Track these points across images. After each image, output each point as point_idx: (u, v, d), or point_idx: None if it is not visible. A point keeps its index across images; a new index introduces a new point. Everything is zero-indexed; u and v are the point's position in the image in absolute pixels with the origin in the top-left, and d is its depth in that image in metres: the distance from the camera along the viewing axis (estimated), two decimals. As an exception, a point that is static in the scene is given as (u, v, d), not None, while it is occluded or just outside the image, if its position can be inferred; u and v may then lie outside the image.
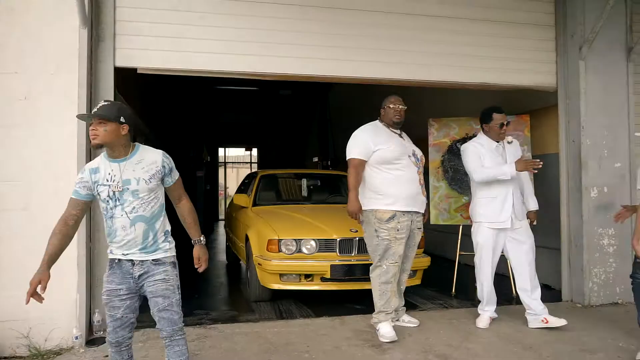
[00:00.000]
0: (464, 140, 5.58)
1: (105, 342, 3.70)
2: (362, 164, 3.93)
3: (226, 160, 20.29)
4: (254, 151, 19.81)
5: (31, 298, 2.38)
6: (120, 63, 4.15)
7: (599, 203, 4.88)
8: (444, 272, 6.02)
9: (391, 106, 4.05)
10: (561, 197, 5.09)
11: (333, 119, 13.38)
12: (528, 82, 5.04)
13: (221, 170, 19.64)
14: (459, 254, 5.48)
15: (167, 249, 2.62)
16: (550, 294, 5.11)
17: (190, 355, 2.78)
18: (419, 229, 4.10)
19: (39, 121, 3.80)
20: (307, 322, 4.36)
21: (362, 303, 4.71)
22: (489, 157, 4.12)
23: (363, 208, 3.91)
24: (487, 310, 4.24)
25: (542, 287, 4.24)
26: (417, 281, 4.96)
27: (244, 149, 20.12)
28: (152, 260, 2.56)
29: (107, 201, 2.52)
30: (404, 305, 4.26)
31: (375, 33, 4.66)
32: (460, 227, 5.52)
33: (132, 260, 2.55)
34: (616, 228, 4.91)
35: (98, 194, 2.53)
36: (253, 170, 11.16)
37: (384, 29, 4.68)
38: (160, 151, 2.64)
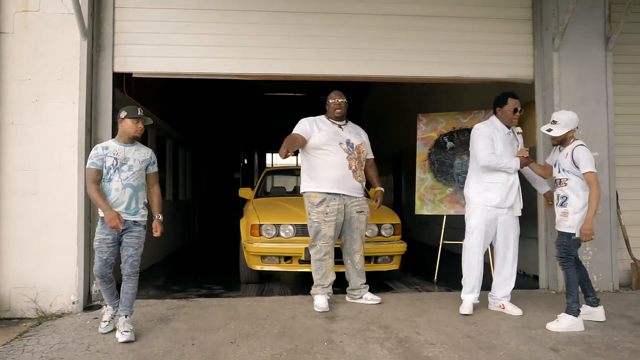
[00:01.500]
0: (450, 134, 5.82)
1: (100, 308, 4.35)
2: (299, 135, 4.32)
3: (274, 166, 21.12)
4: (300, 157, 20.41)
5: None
6: (118, 69, 4.79)
7: (575, 192, 4.93)
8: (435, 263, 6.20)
9: (331, 101, 4.44)
10: (539, 187, 5.17)
11: (366, 122, 13.69)
12: (506, 75, 5.20)
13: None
14: (442, 243, 5.68)
15: (143, 215, 3.73)
16: (525, 281, 5.20)
17: (163, 319, 3.94)
18: (359, 212, 4.38)
19: (47, 120, 4.50)
20: (280, 298, 4.77)
21: (342, 286, 5.03)
22: (501, 142, 4.11)
23: (301, 191, 4.33)
24: (470, 295, 4.19)
25: (520, 275, 4.35)
26: (394, 266, 5.23)
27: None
28: (133, 221, 3.66)
29: (110, 168, 3.61)
30: (365, 284, 4.54)
31: (357, 34, 5.00)
32: (444, 217, 5.71)
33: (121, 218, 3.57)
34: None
35: (104, 162, 3.60)
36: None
37: (364, 30, 5.02)
38: (150, 149, 3.88)
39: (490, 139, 4.09)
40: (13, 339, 3.72)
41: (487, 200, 4.09)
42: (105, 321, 3.76)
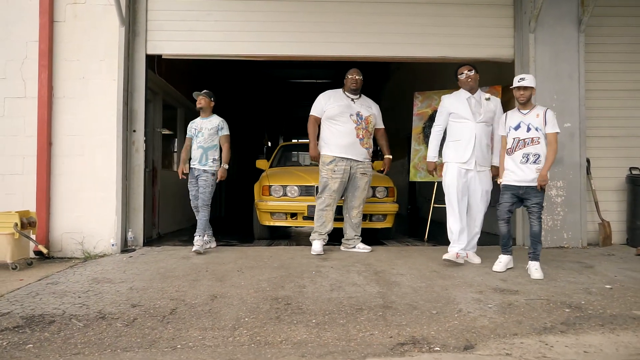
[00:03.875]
0: (443, 109, 6.44)
1: (134, 250, 5.23)
2: (316, 119, 5.11)
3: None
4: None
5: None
6: (150, 51, 5.64)
7: (548, 158, 5.52)
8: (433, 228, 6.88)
9: (349, 77, 5.14)
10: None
11: (386, 106, 14.31)
12: (488, 55, 5.81)
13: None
14: (433, 207, 6.35)
15: (210, 165, 5.27)
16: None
17: (185, 257, 4.91)
18: (362, 174, 5.11)
19: (91, 94, 5.39)
20: (285, 247, 5.57)
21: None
22: (461, 107, 4.54)
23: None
24: (455, 246, 4.53)
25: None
26: (388, 224, 5.94)
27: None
28: (203, 170, 5.25)
29: (193, 135, 5.36)
30: (359, 236, 5.27)
31: (353, 20, 5.72)
32: (435, 184, 6.37)
33: (195, 167, 5.25)
34: (564, 181, 5.53)
35: (192, 131, 5.35)
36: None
37: (359, 16, 5.72)
38: (221, 118, 5.40)
39: (445, 112, 4.65)
40: (65, 268, 4.63)
41: (452, 157, 4.58)
42: (197, 245, 5.11)
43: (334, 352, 2.55)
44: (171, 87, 7.27)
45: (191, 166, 5.31)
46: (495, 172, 4.57)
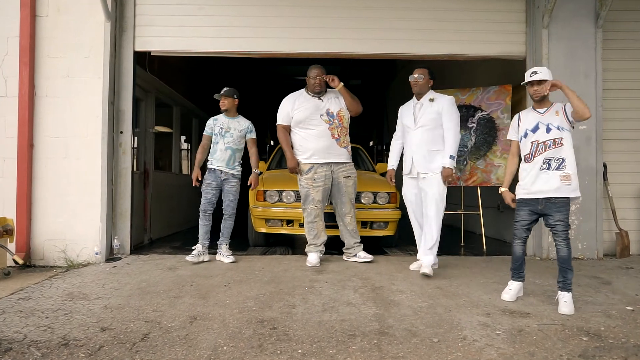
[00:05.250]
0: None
1: (120, 259, 4.94)
2: (285, 127, 4.80)
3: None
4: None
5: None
6: (139, 48, 5.33)
7: (562, 163, 5.15)
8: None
9: (310, 77, 4.75)
10: (530, 159, 5.40)
11: (390, 105, 13.97)
12: (498, 52, 5.45)
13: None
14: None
15: (239, 170, 4.90)
16: (509, 248, 5.46)
17: (172, 268, 4.59)
18: (345, 177, 4.75)
19: (75, 93, 5.09)
20: (279, 257, 5.24)
21: (339, 248, 5.44)
22: (406, 115, 4.51)
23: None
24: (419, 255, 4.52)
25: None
26: (390, 232, 5.59)
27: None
28: (232, 174, 4.85)
29: (217, 134, 4.85)
30: (359, 243, 4.93)
31: (352, 15, 5.38)
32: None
33: (221, 170, 4.80)
34: (580, 189, 5.13)
35: (214, 129, 4.86)
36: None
37: (358, 10, 5.38)
38: (249, 121, 4.99)
39: (400, 123, 4.62)
40: (44, 279, 4.34)
41: (403, 170, 4.57)
42: (194, 254, 4.80)
43: (318, 394, 2.23)
44: (165, 86, 6.96)
45: (215, 167, 4.84)
46: (446, 173, 4.27)
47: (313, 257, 4.70)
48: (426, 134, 4.35)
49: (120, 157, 5.23)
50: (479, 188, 6.02)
